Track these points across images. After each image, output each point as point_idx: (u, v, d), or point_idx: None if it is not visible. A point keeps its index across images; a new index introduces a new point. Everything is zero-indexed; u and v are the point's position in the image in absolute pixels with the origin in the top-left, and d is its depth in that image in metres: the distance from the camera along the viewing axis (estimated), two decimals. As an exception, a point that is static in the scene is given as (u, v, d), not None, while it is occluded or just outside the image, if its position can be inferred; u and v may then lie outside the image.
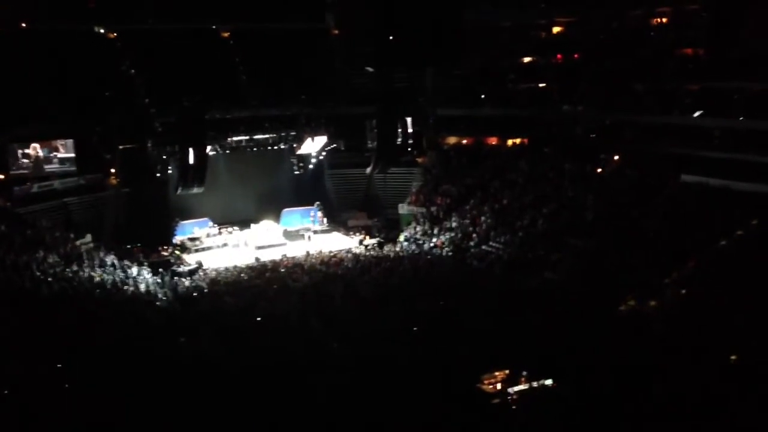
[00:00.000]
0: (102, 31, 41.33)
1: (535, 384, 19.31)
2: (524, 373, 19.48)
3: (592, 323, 23.32)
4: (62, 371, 19.75)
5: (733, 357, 19.93)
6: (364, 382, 19.31)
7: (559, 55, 43.55)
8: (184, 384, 19.22)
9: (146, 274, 33.30)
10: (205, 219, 41.99)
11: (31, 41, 38.32)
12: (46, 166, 37.27)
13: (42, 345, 20.93)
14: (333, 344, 22.83)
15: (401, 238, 40.34)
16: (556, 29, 44.02)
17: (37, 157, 36.98)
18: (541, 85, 43.88)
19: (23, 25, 38.75)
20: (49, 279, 27.27)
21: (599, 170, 37.54)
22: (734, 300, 23.20)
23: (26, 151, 36.70)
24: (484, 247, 35.78)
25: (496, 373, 19.53)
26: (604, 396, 18.09)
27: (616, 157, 37.56)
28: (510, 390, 19.12)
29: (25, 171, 36.65)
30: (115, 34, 41.53)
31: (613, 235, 30.93)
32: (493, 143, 45.01)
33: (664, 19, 38.73)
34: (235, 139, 42.24)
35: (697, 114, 34.60)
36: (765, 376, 18.47)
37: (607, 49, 39.63)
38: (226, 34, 45.12)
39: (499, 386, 19.29)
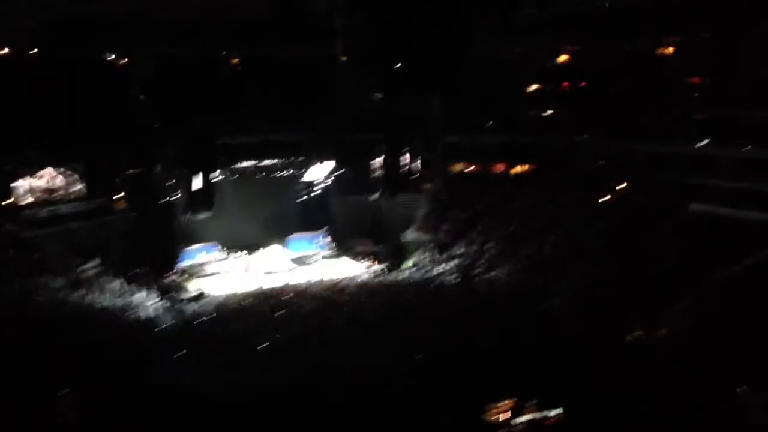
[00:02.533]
0: (113, 56, 41.72)
1: (541, 414, 19.13)
2: (531, 402, 19.31)
3: (599, 351, 23.12)
4: (67, 396, 19.67)
5: (740, 388, 19.72)
6: (368, 410, 19.17)
7: (565, 83, 43.69)
8: (185, 409, 19.13)
9: (152, 299, 33.25)
10: (213, 244, 41.99)
11: (43, 67, 38.72)
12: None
13: (47, 369, 20.89)
14: (338, 370, 22.68)
15: (408, 264, 40.23)
16: (562, 57, 44.18)
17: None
18: (547, 112, 43.99)
19: (35, 50, 39.16)
20: (56, 304, 27.28)
21: (606, 198, 37.44)
22: (742, 329, 22.97)
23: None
24: (491, 273, 35.63)
25: (503, 403, 19.35)
26: (611, 424, 17.90)
27: (624, 185, 37.46)
28: (517, 420, 18.95)
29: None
30: (125, 60, 41.92)
31: (620, 264, 30.74)
32: (500, 170, 44.97)
33: (671, 48, 38.84)
34: (243, 164, 42.45)
35: (704, 142, 34.57)
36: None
37: (613, 78, 39.71)
38: (235, 61, 45.50)
39: (505, 416, 19.11)
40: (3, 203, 35.44)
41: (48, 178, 37.64)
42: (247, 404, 19.77)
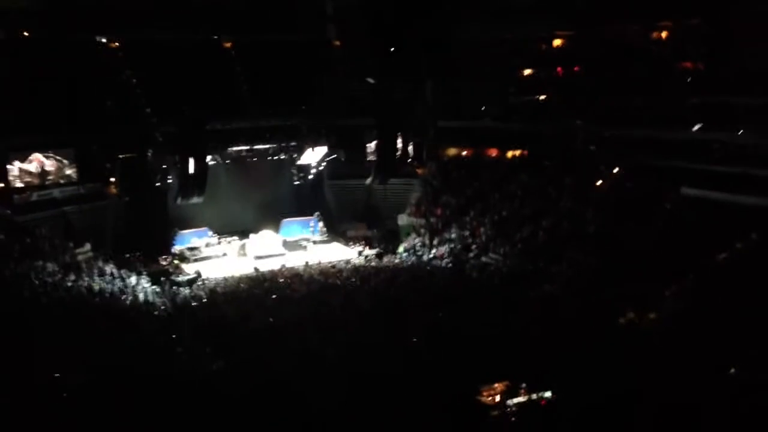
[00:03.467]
0: (104, 40, 41.41)
1: (534, 396, 19.27)
2: (523, 385, 19.44)
3: (592, 335, 23.27)
4: (59, 381, 19.68)
5: (732, 369, 19.92)
6: (362, 394, 19.25)
7: (559, 68, 43.68)
8: (180, 396, 19.17)
9: (145, 283, 33.26)
10: (205, 229, 41.93)
11: (33, 50, 38.41)
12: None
13: (40, 354, 20.88)
14: (329, 355, 22.73)
15: (401, 249, 40.33)
16: (556, 42, 44.15)
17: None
18: (541, 97, 43.97)
19: (25, 33, 38.80)
20: (48, 288, 27.22)
21: (599, 183, 37.55)
22: (734, 313, 23.17)
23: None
24: (483, 258, 35.78)
25: (495, 385, 19.48)
26: (603, 408, 18.04)
27: (616, 170, 37.58)
28: (509, 402, 19.08)
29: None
30: (116, 44, 41.63)
31: (613, 248, 30.89)
32: (493, 155, 45.03)
33: (664, 33, 38.86)
34: (235, 149, 42.37)
35: (696, 128, 34.66)
36: (764, 387, 18.48)
37: (606, 63, 39.73)
38: (227, 45, 45.26)
39: (498, 398, 19.24)
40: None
41: (37, 163, 37.47)
42: (245, 385, 19.83)
